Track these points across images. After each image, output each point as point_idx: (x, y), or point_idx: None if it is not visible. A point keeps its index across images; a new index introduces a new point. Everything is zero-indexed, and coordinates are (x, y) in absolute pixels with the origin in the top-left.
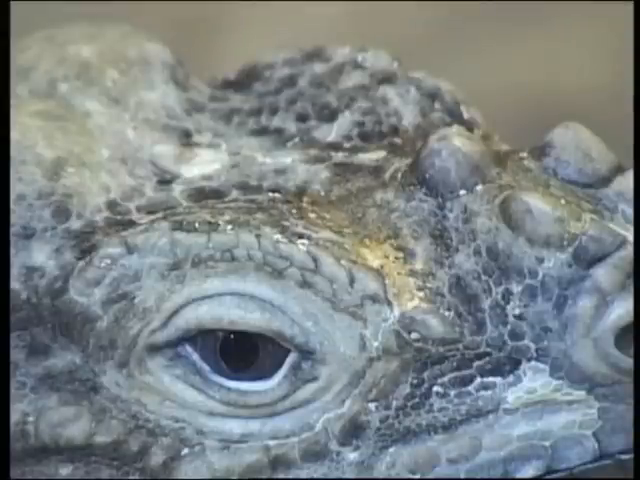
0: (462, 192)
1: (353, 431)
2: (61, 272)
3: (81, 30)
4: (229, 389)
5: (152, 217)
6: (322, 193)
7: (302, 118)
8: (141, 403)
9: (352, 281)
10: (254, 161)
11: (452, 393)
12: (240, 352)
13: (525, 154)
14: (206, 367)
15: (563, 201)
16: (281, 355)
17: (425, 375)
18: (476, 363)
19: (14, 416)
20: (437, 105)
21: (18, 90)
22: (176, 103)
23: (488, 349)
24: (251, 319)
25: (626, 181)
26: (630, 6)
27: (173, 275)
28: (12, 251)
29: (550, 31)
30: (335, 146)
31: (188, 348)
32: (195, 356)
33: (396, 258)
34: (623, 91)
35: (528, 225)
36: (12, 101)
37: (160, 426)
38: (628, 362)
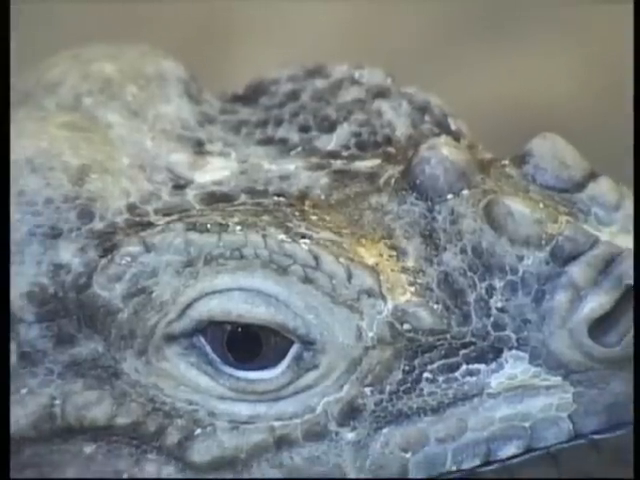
0: (449, 196)
1: (350, 413)
2: (85, 269)
3: (103, 49)
4: (238, 378)
5: (168, 219)
6: (322, 197)
7: (304, 129)
8: (158, 388)
9: (350, 277)
10: (260, 168)
11: (440, 379)
12: (247, 344)
13: (506, 162)
14: (216, 358)
15: (541, 205)
16: (285, 346)
17: (416, 362)
18: (462, 351)
19: (42, 399)
20: (427, 117)
21: (46, 104)
22: (190, 115)
23: (473, 339)
24: (257, 312)
25: (598, 186)
26: (599, 26)
27: (187, 272)
28: (41, 249)
29: (528, 49)
30: (334, 155)
31: (201, 339)
32: (207, 348)
33: (389, 256)
34: (595, 102)
35: (509, 226)
36: (41, 113)
37: (175, 408)
38: (600, 351)
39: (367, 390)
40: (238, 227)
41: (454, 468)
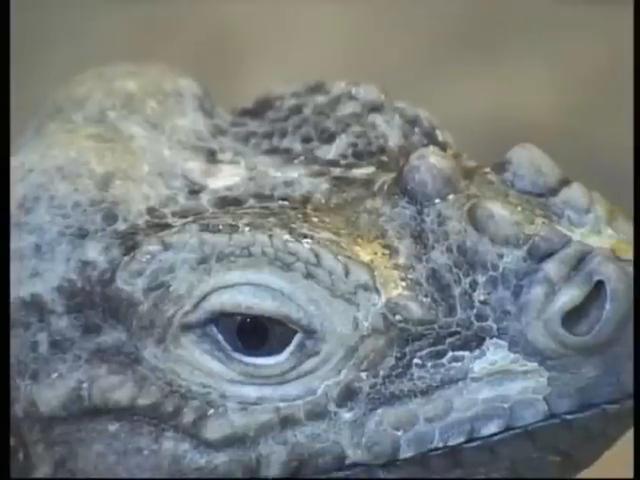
0: (437, 200)
1: (348, 395)
2: (110, 265)
3: (126, 68)
4: (246, 363)
5: (184, 221)
6: (323, 201)
7: (306, 140)
8: (175, 372)
9: (347, 273)
10: (267, 175)
11: (429, 364)
12: (255, 333)
13: (488, 169)
14: (227, 346)
15: (519, 208)
16: (289, 335)
17: (407, 350)
18: (448, 340)
19: (71, 383)
20: (416, 129)
21: (74, 117)
22: (203, 127)
23: (458, 328)
24: (264, 305)
25: (571, 192)
26: (571, 46)
27: (201, 268)
28: (70, 248)
29: (507, 68)
30: (333, 163)
31: (214, 329)
32: (219, 336)
33: (383, 254)
34: (568, 115)
35: (491, 227)
36: (70, 126)
37: (190, 391)
38: (572, 339)
39: (363, 374)
40: (247, 228)
41: (441, 444)
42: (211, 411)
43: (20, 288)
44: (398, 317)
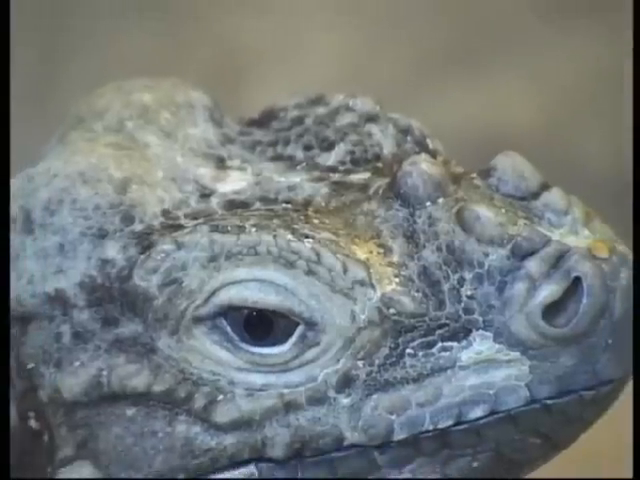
0: (428, 203)
1: (346, 382)
2: (127, 263)
3: (142, 82)
4: (253, 353)
5: (195, 222)
6: (323, 204)
7: (308, 148)
8: (187, 361)
9: (345, 270)
10: (272, 180)
11: (420, 354)
12: (260, 325)
13: (474, 175)
14: (235, 337)
15: (503, 210)
16: (292, 327)
17: (400, 340)
18: (438, 331)
19: (92, 371)
20: (409, 138)
21: (95, 127)
22: (213, 136)
23: (447, 321)
24: (269, 299)
25: (550, 195)
26: (550, 60)
27: (211, 266)
28: (90, 247)
29: (492, 82)
30: (332, 169)
31: (223, 321)
32: (228, 328)
33: (378, 253)
34: (548, 125)
35: (477, 228)
36: (91, 135)
37: (201, 378)
38: (552, 331)
39: (360, 363)
40: (253, 229)
41: (431, 427)
42: (220, 397)
43: (45, 284)
44: (392, 310)
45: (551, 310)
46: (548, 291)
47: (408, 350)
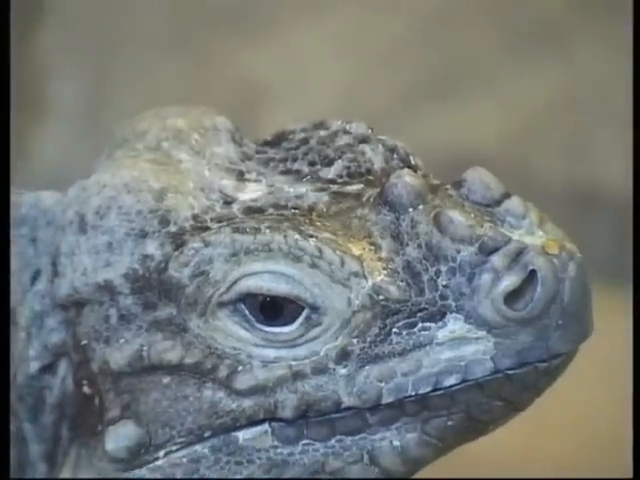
0: (410, 209)
1: (343, 356)
2: (164, 258)
3: (176, 109)
4: (267, 332)
5: (220, 224)
6: (324, 210)
7: (312, 164)
8: (213, 338)
9: (343, 264)
10: (282, 190)
11: (404, 332)
12: (273, 309)
13: (449, 186)
14: (252, 318)
15: (472, 215)
16: (299, 310)
17: (387, 321)
18: (419, 314)
19: (134, 346)
20: (395, 156)
21: (137, 146)
22: (234, 154)
23: (426, 305)
24: (280, 288)
25: (511, 203)
26: (519, 86)
27: (233, 260)
28: (133, 245)
29: (464, 107)
30: (332, 181)
31: (242, 305)
32: (247, 311)
33: (370, 250)
34: (513, 145)
35: (451, 229)
36: (133, 153)
37: (225, 352)
38: (512, 314)
39: (354, 340)
40: (267, 230)
41: (413, 393)
42: (240, 367)
43: (96, 275)
44: (381, 297)
45: (511, 297)
46: (509, 281)
47: (394, 329)
